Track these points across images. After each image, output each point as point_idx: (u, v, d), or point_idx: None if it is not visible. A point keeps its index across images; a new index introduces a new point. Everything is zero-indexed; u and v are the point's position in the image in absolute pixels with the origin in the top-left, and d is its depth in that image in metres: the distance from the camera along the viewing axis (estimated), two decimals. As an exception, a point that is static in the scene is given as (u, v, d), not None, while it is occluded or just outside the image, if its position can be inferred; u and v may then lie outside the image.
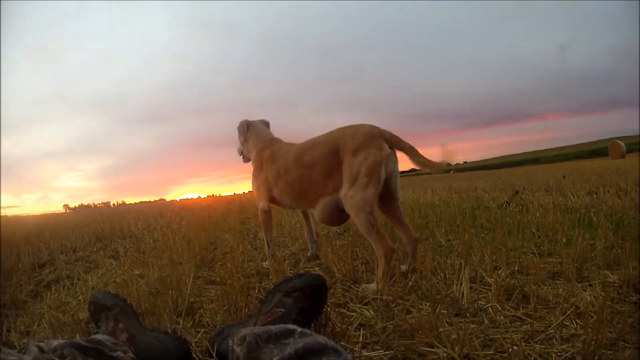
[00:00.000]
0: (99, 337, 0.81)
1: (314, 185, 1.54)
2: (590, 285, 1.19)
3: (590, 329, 0.84)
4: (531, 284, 1.17)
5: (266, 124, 2.06)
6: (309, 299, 1.00)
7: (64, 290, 1.84)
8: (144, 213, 8.68)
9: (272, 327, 0.76)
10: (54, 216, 17.54)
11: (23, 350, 0.70)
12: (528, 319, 1.00)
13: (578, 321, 0.96)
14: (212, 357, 0.91)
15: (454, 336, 0.91)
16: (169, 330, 1.14)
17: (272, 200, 1.82)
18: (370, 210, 1.34)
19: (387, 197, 1.45)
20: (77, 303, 1.58)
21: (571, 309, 1.01)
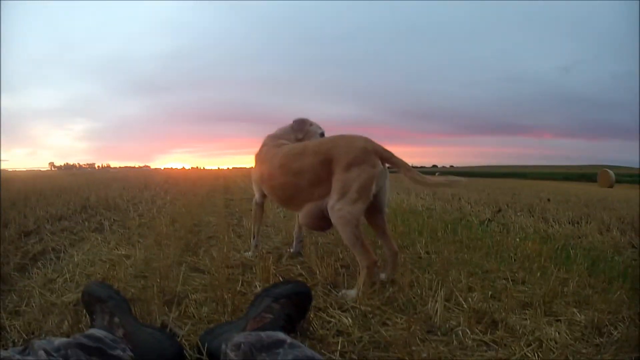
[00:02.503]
0: (97, 333, 0.83)
1: (300, 192, 1.54)
2: (557, 320, 1.23)
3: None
4: (502, 311, 1.23)
5: (299, 122, 1.93)
6: (295, 306, 1.05)
7: (50, 265, 1.83)
8: (128, 182, 8.84)
9: (263, 335, 0.81)
10: (40, 174, 17.48)
11: (27, 351, 0.71)
12: (494, 345, 1.06)
13: (540, 355, 1.00)
14: (201, 354, 0.94)
15: (425, 355, 0.98)
16: (159, 323, 1.16)
17: (265, 195, 1.85)
18: (356, 224, 1.37)
19: (374, 209, 1.49)
20: (64, 281, 1.57)
21: (535, 343, 1.06)
